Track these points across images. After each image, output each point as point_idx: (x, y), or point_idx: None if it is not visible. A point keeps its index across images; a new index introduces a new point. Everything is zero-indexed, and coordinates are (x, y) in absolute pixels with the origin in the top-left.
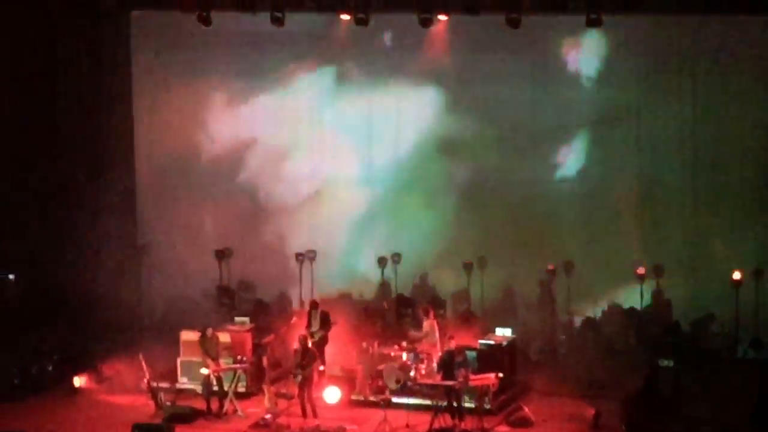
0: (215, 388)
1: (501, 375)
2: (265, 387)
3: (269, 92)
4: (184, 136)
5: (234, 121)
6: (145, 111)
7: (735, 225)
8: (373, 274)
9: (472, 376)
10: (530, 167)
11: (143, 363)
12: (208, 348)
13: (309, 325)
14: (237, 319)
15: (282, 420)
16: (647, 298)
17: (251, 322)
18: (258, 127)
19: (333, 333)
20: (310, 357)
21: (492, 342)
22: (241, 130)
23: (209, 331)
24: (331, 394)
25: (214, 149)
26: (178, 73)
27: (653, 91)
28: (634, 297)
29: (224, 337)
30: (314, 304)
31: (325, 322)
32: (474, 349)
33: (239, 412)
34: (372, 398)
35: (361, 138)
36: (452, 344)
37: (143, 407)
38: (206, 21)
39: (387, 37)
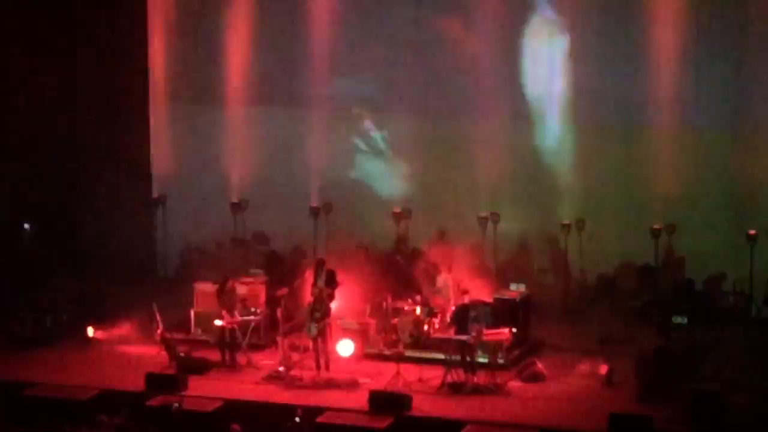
0: (236, 340)
1: (514, 330)
2: (278, 339)
3: None
4: (199, 79)
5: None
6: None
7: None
8: (388, 227)
9: (485, 331)
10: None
11: (157, 314)
12: (226, 300)
13: (315, 283)
14: (251, 271)
15: (295, 372)
16: (661, 255)
17: (265, 274)
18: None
19: (347, 286)
20: (325, 310)
21: (506, 297)
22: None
23: (229, 283)
24: (345, 348)
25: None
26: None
27: None
28: (648, 254)
29: (240, 289)
30: (321, 262)
31: (331, 280)
32: (488, 304)
33: (252, 364)
34: (385, 352)
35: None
36: (466, 299)
37: (156, 358)
38: None
39: None
